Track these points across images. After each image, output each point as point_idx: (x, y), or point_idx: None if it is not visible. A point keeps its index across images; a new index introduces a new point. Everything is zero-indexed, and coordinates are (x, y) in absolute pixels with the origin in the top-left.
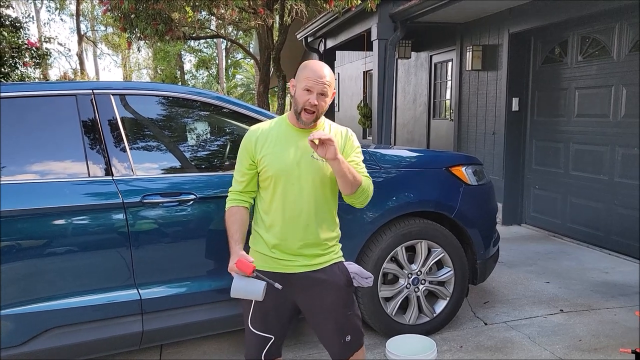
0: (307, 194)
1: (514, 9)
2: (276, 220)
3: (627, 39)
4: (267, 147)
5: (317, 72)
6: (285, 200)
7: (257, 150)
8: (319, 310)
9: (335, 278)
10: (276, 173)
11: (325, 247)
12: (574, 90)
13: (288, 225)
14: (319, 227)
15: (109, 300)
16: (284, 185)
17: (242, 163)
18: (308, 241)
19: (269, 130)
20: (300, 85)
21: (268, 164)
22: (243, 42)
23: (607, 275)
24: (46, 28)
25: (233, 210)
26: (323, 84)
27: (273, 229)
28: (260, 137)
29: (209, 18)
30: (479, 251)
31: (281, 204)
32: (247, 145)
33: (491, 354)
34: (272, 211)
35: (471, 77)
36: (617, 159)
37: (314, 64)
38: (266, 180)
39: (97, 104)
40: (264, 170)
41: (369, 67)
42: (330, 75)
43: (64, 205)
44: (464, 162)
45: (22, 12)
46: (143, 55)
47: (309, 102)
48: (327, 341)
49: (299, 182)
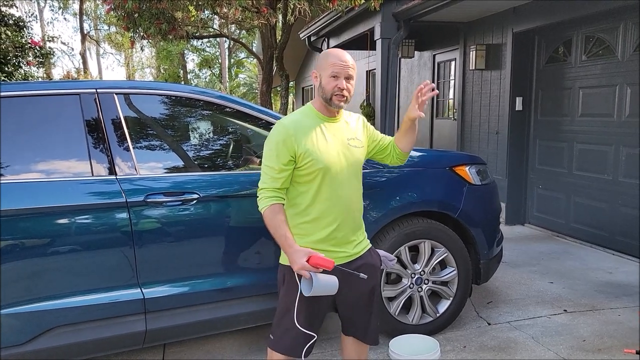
0: (349, 183)
1: (518, 8)
2: (325, 212)
3: (632, 38)
4: (307, 140)
5: (340, 57)
6: (332, 191)
7: (297, 144)
8: (363, 293)
9: (374, 261)
10: (324, 167)
11: (363, 231)
12: (578, 90)
13: (339, 215)
14: (360, 213)
15: (112, 300)
16: (331, 177)
17: (280, 159)
18: (355, 228)
19: (302, 122)
20: (326, 72)
21: (314, 158)
22: (246, 42)
23: (611, 276)
24: (49, 27)
25: (276, 208)
26: (348, 67)
27: (321, 222)
28: (299, 130)
29: (212, 17)
30: (482, 251)
31: (329, 196)
32: (286, 140)
33: (494, 354)
34: (318, 203)
35: (474, 77)
36: (621, 159)
37: (335, 52)
38: (311, 174)
39: (100, 103)
40: (310, 164)
41: (371, 66)
42: (352, 60)
43: (68, 205)
44: (468, 161)
45: (25, 12)
46: (146, 55)
47: (337, 87)
48: (364, 325)
49: (342, 172)
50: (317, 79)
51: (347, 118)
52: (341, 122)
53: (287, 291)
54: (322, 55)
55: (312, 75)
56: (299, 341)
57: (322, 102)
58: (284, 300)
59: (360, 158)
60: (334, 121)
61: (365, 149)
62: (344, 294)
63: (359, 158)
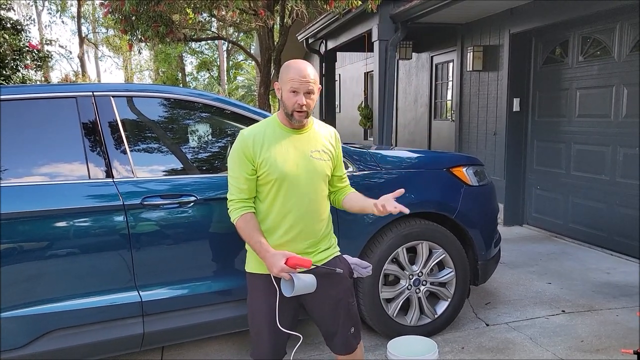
0: (308, 193)
1: (515, 9)
2: (280, 222)
3: (628, 39)
4: (265, 150)
5: (300, 72)
6: (288, 201)
7: (255, 154)
8: (327, 303)
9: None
10: (279, 177)
11: (327, 241)
12: (575, 91)
13: (293, 226)
14: (321, 224)
15: (110, 303)
16: (287, 187)
17: (243, 169)
18: (314, 239)
19: (263, 132)
20: (286, 87)
21: (270, 167)
22: (244, 44)
23: (608, 276)
24: (47, 30)
25: (247, 217)
26: (308, 83)
27: (277, 231)
28: (256, 140)
29: (210, 20)
30: (480, 252)
31: (284, 206)
32: (245, 150)
33: (493, 355)
34: (275, 213)
35: (472, 78)
36: (619, 159)
37: (296, 64)
38: (267, 184)
39: (97, 106)
40: (266, 174)
41: (369, 68)
42: (314, 72)
43: (65, 208)
44: (465, 162)
45: (23, 15)
46: (144, 57)
47: (297, 103)
48: (335, 333)
49: (299, 183)
50: (279, 91)
51: (318, 129)
52: (308, 134)
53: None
54: (283, 67)
55: (275, 87)
56: (281, 344)
57: (284, 115)
58: (256, 309)
59: (323, 170)
60: (298, 132)
61: (332, 161)
62: (310, 301)
63: (322, 170)
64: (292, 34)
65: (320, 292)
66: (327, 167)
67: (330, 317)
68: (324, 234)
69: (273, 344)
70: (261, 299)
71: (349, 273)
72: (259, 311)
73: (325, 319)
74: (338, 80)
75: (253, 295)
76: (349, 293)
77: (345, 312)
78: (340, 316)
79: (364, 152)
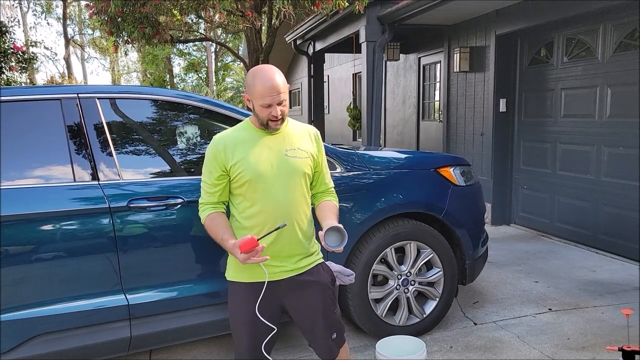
0: (287, 194)
1: (501, 11)
2: (257, 224)
3: (612, 40)
4: (238, 153)
5: (269, 87)
6: (265, 203)
7: (227, 159)
8: (308, 310)
9: (321, 278)
10: (253, 177)
11: (309, 246)
12: (560, 91)
13: (273, 226)
14: (304, 225)
15: (96, 306)
16: (262, 189)
17: (212, 174)
18: (297, 242)
19: (235, 136)
20: (257, 102)
21: (243, 169)
22: (232, 45)
23: (594, 274)
24: (32, 32)
25: (213, 215)
26: (279, 94)
27: (259, 233)
28: (228, 144)
29: (198, 21)
30: (467, 251)
31: (261, 208)
32: (216, 155)
33: (481, 354)
34: (252, 216)
35: (459, 79)
36: (603, 159)
37: (262, 75)
38: (242, 187)
39: (82, 108)
40: (240, 176)
41: (358, 69)
42: (282, 80)
43: (50, 211)
44: (452, 163)
45: (7, 17)
46: (132, 59)
47: (271, 114)
48: (316, 340)
49: (276, 183)
50: (249, 102)
51: (293, 128)
52: (282, 133)
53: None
54: (249, 78)
55: (244, 98)
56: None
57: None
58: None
59: (301, 168)
60: (272, 133)
61: (311, 159)
62: (290, 304)
63: (299, 168)
64: (280, 36)
65: (301, 300)
66: (304, 164)
67: (311, 325)
68: (306, 236)
69: (252, 344)
70: (240, 302)
71: (331, 281)
72: (238, 313)
73: (306, 326)
74: (327, 81)
75: (232, 299)
76: (330, 301)
77: (326, 320)
78: (321, 324)
79: (352, 153)
